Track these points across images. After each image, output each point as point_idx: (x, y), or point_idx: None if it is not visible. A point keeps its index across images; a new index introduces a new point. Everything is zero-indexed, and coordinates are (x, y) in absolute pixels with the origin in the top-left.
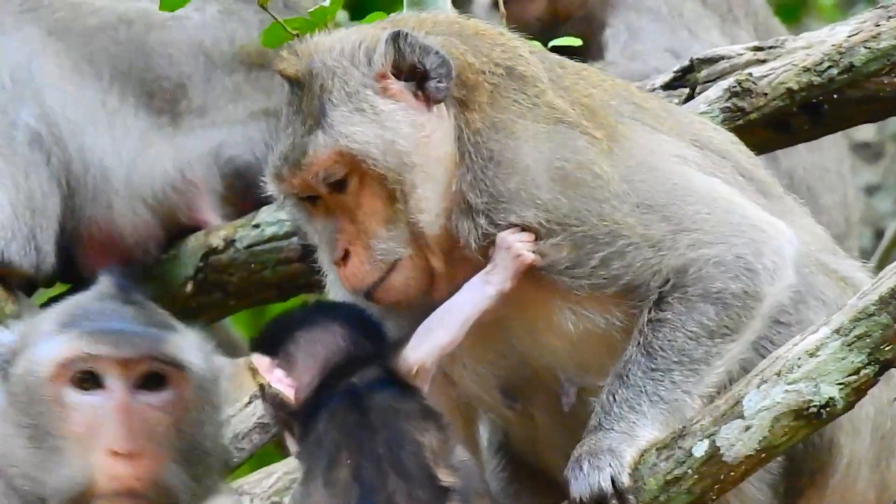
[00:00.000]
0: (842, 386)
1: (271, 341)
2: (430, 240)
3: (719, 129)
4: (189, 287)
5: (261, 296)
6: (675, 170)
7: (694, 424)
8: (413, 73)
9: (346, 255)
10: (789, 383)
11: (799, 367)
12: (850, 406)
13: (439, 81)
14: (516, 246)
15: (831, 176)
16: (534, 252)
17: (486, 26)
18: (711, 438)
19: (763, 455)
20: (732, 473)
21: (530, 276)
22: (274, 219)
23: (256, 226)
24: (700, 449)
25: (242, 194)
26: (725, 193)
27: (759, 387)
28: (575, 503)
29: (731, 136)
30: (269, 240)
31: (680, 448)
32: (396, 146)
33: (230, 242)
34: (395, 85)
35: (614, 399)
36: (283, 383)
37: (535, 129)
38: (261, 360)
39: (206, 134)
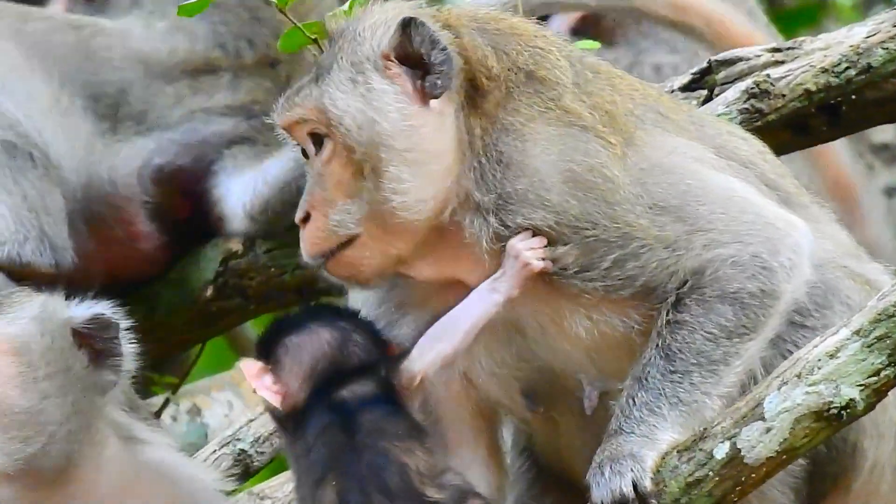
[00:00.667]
0: (862, 387)
1: (265, 345)
2: (408, 224)
3: (749, 140)
4: (209, 292)
5: (281, 300)
6: (690, 170)
7: (715, 426)
8: (418, 62)
9: (307, 218)
10: (810, 385)
11: (819, 368)
12: (870, 407)
13: (439, 78)
14: (524, 254)
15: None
16: (543, 259)
17: (526, 25)
18: (732, 440)
19: (784, 457)
20: (753, 475)
21: (542, 282)
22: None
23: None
24: (721, 451)
25: (175, 201)
26: (741, 192)
27: (779, 388)
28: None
29: (760, 146)
30: (289, 244)
31: (701, 450)
32: (376, 125)
33: (250, 246)
34: (397, 69)
35: (634, 402)
36: (270, 390)
37: (546, 132)
38: (248, 365)
39: (141, 142)
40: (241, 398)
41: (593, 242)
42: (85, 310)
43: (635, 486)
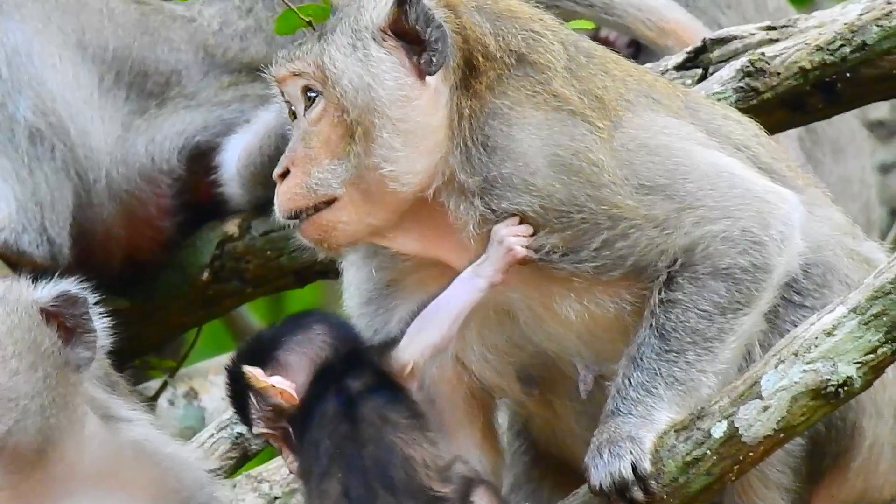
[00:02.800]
0: (859, 365)
1: (258, 353)
2: (392, 193)
3: (744, 123)
4: (206, 275)
5: (278, 283)
6: (678, 148)
7: (712, 405)
8: (414, 38)
9: (286, 174)
10: (807, 363)
11: (816, 346)
12: (867, 385)
13: (434, 55)
14: (508, 240)
15: (851, 149)
16: (527, 247)
17: (523, 7)
18: (730, 419)
19: (782, 435)
20: (751, 454)
21: (532, 267)
22: None
23: (272, 212)
24: (719, 430)
25: (200, 181)
26: (729, 167)
27: (776, 367)
28: (595, 491)
29: (755, 130)
30: (285, 226)
31: (699, 429)
32: (372, 91)
33: (246, 229)
34: (394, 42)
35: (630, 383)
36: (284, 384)
37: (532, 117)
38: (253, 371)
39: (189, 117)
40: None
41: (581, 225)
42: (51, 288)
43: (634, 468)
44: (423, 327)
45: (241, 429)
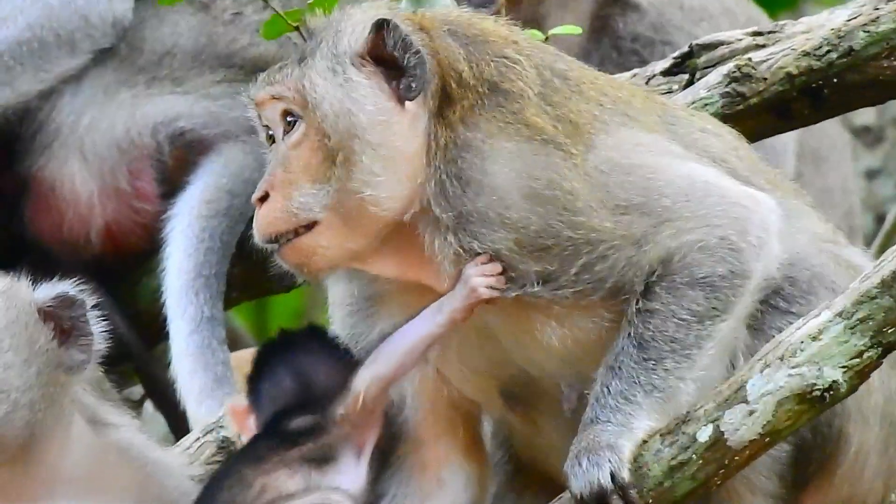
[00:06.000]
0: (845, 369)
1: (252, 381)
2: (372, 218)
3: (723, 136)
4: None
5: (263, 287)
6: (651, 165)
7: (698, 409)
8: (392, 63)
9: (265, 198)
10: (792, 367)
11: (802, 350)
12: (853, 389)
13: (413, 80)
14: (473, 280)
15: (831, 161)
16: (498, 286)
17: (499, 30)
18: (715, 423)
19: (767, 439)
20: (737, 458)
21: (511, 298)
22: None
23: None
24: (704, 434)
25: (186, 168)
26: (703, 175)
27: (762, 371)
28: (576, 500)
29: (734, 142)
30: None
31: (684, 433)
32: (352, 116)
33: None
34: (373, 68)
35: (608, 391)
36: (250, 430)
37: (505, 149)
38: (236, 407)
39: (172, 101)
40: None
41: (559, 253)
42: (49, 289)
43: (613, 477)
44: (378, 359)
45: (227, 432)
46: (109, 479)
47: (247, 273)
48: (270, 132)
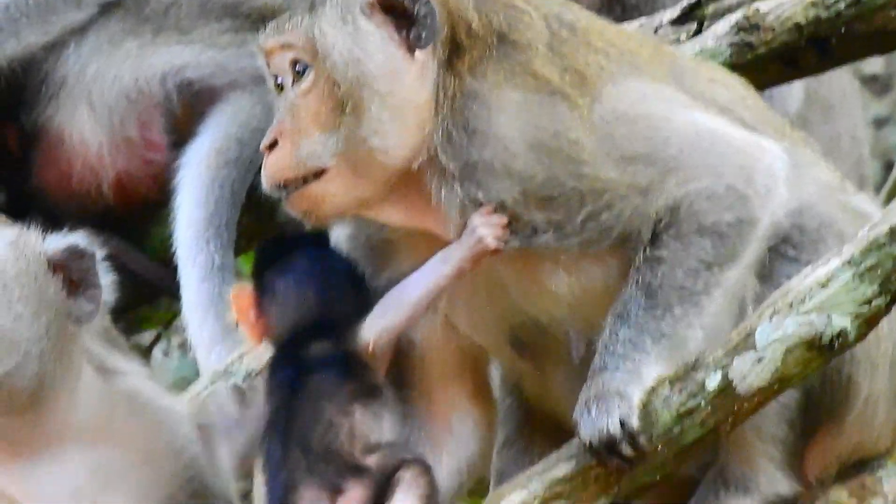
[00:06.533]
0: (853, 316)
1: (261, 273)
2: (380, 166)
3: (731, 86)
4: None
5: (271, 236)
6: (657, 114)
7: (707, 357)
8: (402, 12)
9: (274, 145)
10: (801, 315)
11: (811, 298)
12: (861, 337)
13: (423, 30)
14: (480, 231)
15: (840, 110)
16: (504, 237)
17: None
18: (724, 371)
19: (776, 387)
20: (745, 405)
21: (516, 249)
22: None
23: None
24: (713, 381)
25: (194, 117)
26: (708, 124)
27: (771, 319)
28: (585, 446)
29: (742, 92)
30: None
31: (693, 380)
32: (361, 65)
33: None
34: (382, 17)
35: (617, 338)
36: (251, 326)
37: (511, 99)
38: (240, 294)
39: (178, 50)
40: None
41: (564, 203)
42: (60, 240)
43: (623, 424)
44: (386, 309)
45: (236, 380)
46: (119, 427)
47: (256, 221)
48: (279, 80)
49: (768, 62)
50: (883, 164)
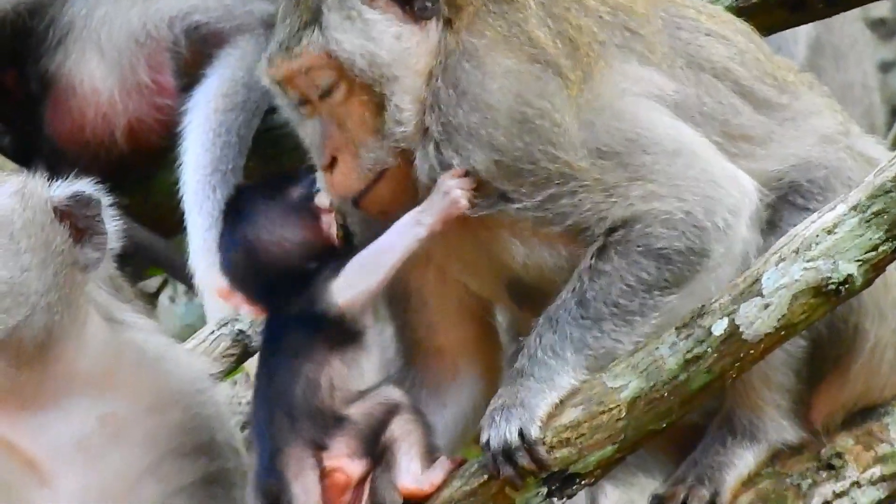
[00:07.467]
0: (860, 262)
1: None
2: (402, 151)
3: (730, 41)
4: None
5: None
6: (642, 116)
7: (713, 303)
8: None
9: (333, 162)
10: (807, 261)
11: (817, 244)
12: (868, 283)
13: (427, 0)
14: (455, 192)
15: (851, 57)
16: (470, 200)
17: None
18: (731, 317)
19: (782, 333)
20: (752, 352)
21: (477, 216)
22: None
23: (272, 110)
24: (719, 327)
25: (202, 61)
26: (690, 144)
27: (777, 265)
28: (485, 450)
29: (743, 44)
30: (286, 125)
31: (699, 327)
32: (378, 58)
33: None
34: (382, 0)
35: (539, 342)
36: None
37: (506, 65)
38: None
39: None
40: None
41: (530, 178)
42: (66, 188)
43: (521, 434)
44: (360, 272)
45: (242, 326)
46: (125, 376)
47: (262, 166)
48: (301, 98)
49: (774, 7)
50: (889, 108)
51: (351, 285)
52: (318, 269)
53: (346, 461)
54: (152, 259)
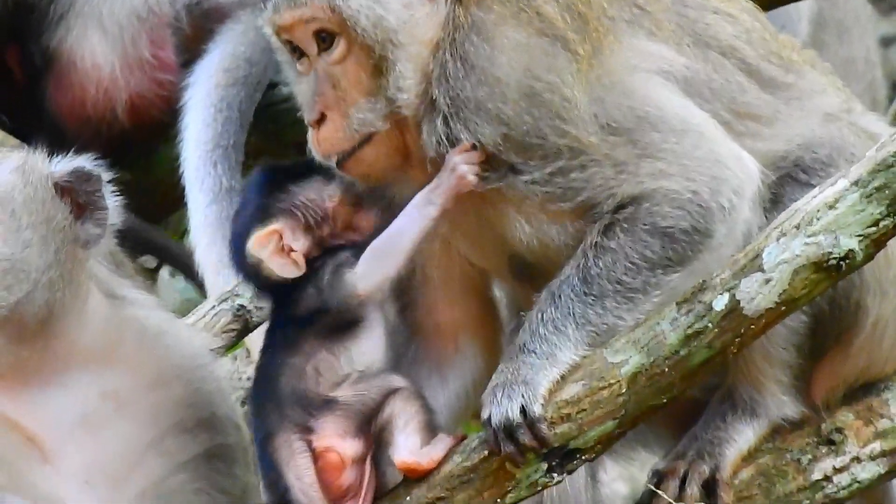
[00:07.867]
0: (861, 237)
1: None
2: (409, 120)
3: (736, 18)
4: None
5: (278, 155)
6: (652, 94)
7: (714, 278)
8: None
9: (322, 119)
10: (809, 236)
11: (818, 219)
12: (869, 258)
13: None
14: (461, 168)
15: (854, 32)
16: (479, 175)
17: None
18: (731, 292)
19: (783, 308)
20: (753, 327)
21: (486, 190)
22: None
23: (273, 85)
24: (720, 303)
25: (203, 37)
26: (698, 124)
27: (778, 240)
28: (486, 428)
29: (749, 23)
30: (287, 99)
31: (700, 302)
32: (384, 21)
33: None
34: None
35: (542, 318)
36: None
37: (514, 40)
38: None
39: None
40: None
41: (540, 152)
42: (66, 163)
43: (524, 412)
44: (379, 258)
45: (243, 301)
46: (126, 352)
47: (263, 141)
48: (298, 51)
49: None
50: (890, 83)
51: (371, 272)
52: (324, 261)
53: (336, 440)
54: (146, 246)
